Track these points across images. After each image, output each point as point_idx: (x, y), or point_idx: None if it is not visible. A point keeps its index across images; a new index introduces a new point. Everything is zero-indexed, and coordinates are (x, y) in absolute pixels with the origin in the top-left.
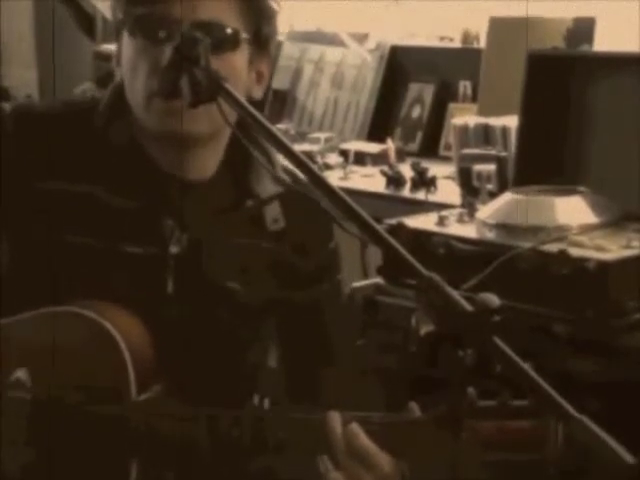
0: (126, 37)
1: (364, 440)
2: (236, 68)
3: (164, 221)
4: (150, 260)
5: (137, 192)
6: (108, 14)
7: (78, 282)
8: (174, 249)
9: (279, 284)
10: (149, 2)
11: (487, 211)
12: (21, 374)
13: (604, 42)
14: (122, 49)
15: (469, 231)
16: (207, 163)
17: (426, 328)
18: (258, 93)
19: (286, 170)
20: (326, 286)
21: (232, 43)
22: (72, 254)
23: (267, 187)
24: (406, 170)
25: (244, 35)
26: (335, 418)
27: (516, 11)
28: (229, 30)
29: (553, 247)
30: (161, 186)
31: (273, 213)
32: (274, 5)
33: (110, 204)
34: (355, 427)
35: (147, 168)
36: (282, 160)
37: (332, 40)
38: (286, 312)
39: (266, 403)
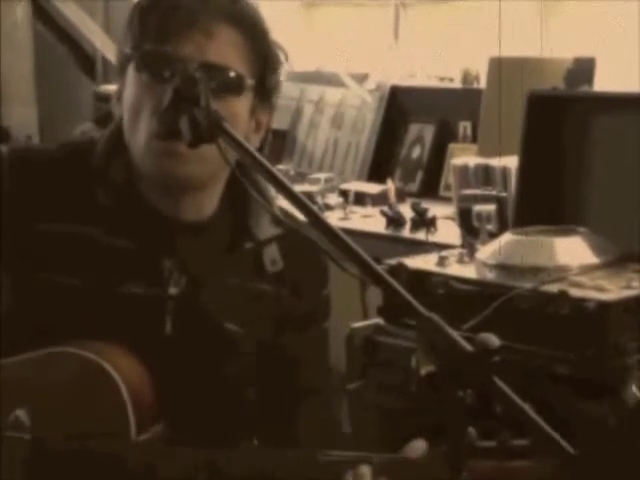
0: (131, 73)
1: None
2: (238, 114)
3: (162, 262)
4: (149, 301)
5: (135, 233)
6: (109, 55)
7: (77, 323)
8: (173, 290)
9: (275, 326)
10: (159, 39)
11: (487, 251)
12: (20, 414)
13: (604, 82)
14: (125, 86)
15: (469, 271)
16: (205, 205)
17: (426, 368)
18: (255, 142)
19: (283, 212)
20: (313, 332)
21: (237, 88)
22: (71, 295)
23: (265, 229)
24: (406, 210)
25: (249, 82)
26: None
27: (516, 51)
28: (235, 75)
29: (553, 287)
30: (159, 227)
31: (271, 255)
32: (281, 56)
33: (108, 245)
34: (364, 469)
35: (145, 209)
36: (279, 201)
37: (332, 80)
38: (271, 354)
39: None
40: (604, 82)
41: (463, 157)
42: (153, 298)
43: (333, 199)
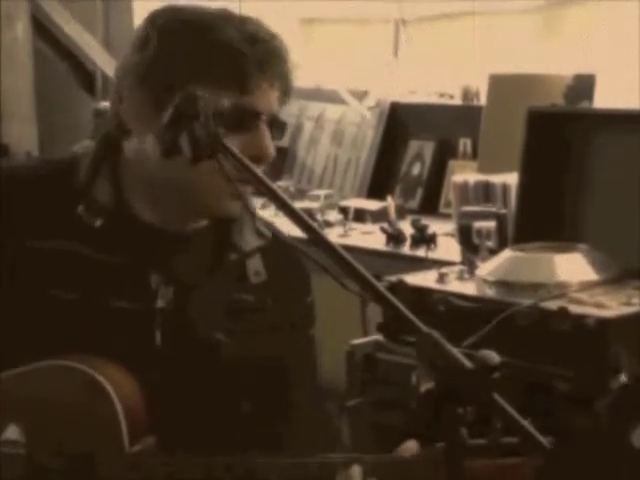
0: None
1: None
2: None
3: (150, 275)
4: (137, 314)
5: (122, 247)
6: (109, 71)
7: (68, 337)
8: (161, 303)
9: (262, 336)
10: (239, 91)
11: (487, 268)
12: (14, 429)
13: (604, 99)
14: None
15: (469, 288)
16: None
17: (426, 385)
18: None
19: (266, 223)
20: (301, 341)
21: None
22: (60, 310)
23: (249, 240)
24: (406, 227)
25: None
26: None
27: (516, 68)
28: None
29: (553, 304)
30: (147, 240)
31: (255, 266)
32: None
33: (96, 260)
34: (355, 469)
35: (132, 223)
36: (262, 213)
37: (332, 97)
38: (260, 364)
39: None
40: (604, 99)
41: (463, 174)
42: (142, 311)
43: (333, 216)
